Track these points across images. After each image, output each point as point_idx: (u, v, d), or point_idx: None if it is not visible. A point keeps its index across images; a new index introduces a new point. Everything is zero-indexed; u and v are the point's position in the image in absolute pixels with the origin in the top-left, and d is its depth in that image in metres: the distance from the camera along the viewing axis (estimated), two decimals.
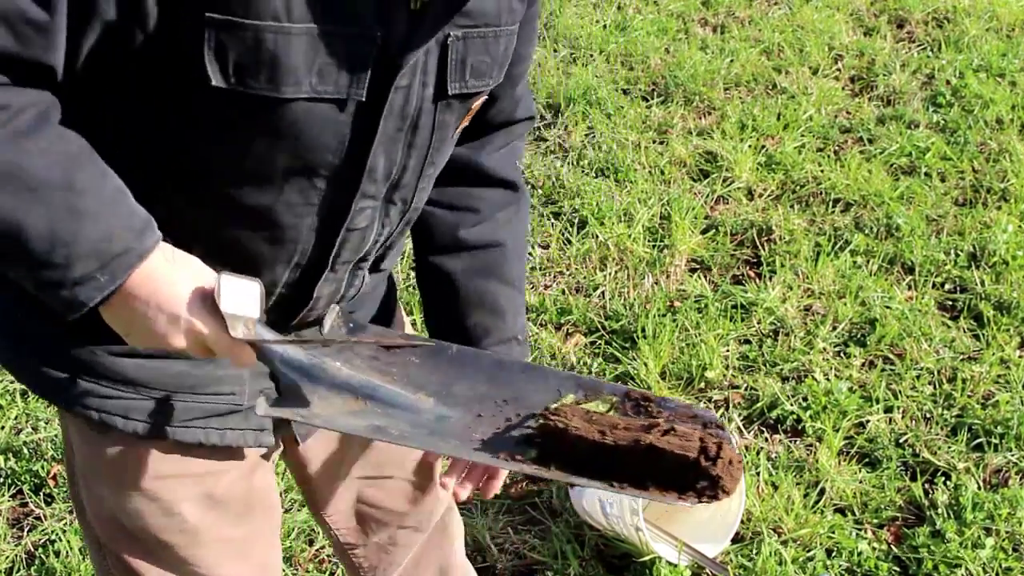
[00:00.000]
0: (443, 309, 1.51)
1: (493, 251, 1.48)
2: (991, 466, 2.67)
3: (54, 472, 2.63)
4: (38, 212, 1.03)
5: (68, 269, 1.06)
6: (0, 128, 1.00)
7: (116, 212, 1.08)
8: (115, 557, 1.43)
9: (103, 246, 1.07)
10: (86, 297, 1.08)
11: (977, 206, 3.70)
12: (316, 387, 1.22)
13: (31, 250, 1.04)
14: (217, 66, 1.06)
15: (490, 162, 1.47)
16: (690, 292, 3.31)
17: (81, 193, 1.05)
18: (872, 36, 4.93)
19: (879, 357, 3.05)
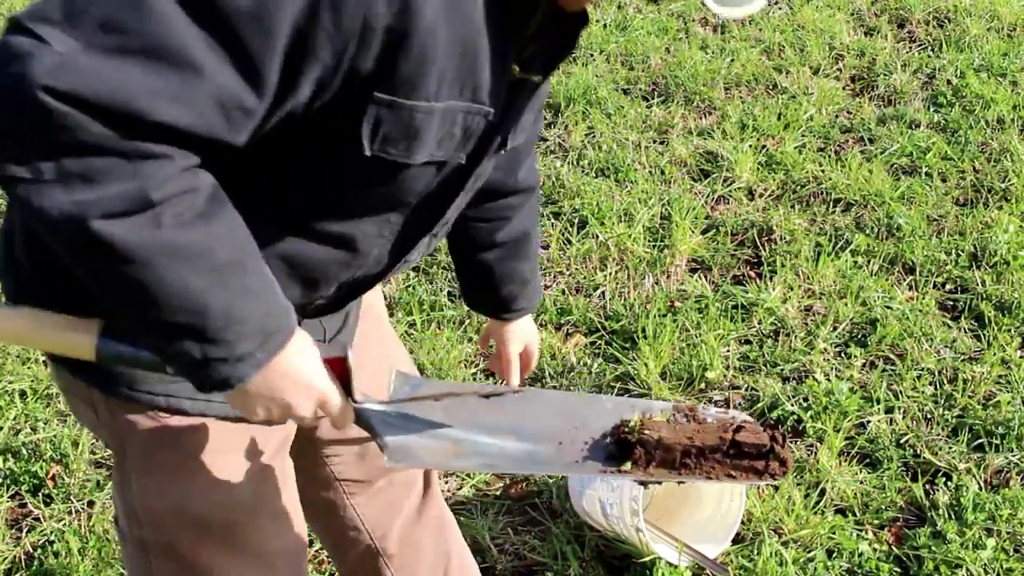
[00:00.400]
0: (480, 288, 1.83)
1: (520, 239, 1.78)
2: (992, 467, 2.67)
3: (53, 473, 2.63)
4: (219, 292, 1.12)
5: (233, 346, 1.15)
6: (189, 211, 1.08)
7: (274, 292, 1.19)
8: (169, 552, 1.47)
9: (264, 325, 1.17)
10: (243, 374, 1.17)
11: (978, 206, 3.69)
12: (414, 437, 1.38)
13: (207, 327, 1.13)
14: (369, 137, 1.18)
15: (519, 179, 1.73)
16: (690, 292, 3.30)
17: (251, 274, 1.15)
18: (873, 36, 4.92)
19: (880, 357, 3.05)
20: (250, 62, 1.06)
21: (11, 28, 1.03)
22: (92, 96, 1.01)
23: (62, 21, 1.02)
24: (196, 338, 1.13)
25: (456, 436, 1.39)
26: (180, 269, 1.09)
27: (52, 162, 1.03)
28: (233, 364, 1.16)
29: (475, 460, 1.42)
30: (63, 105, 1.00)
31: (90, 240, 1.05)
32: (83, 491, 2.58)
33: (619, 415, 1.47)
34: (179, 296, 1.10)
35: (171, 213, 1.07)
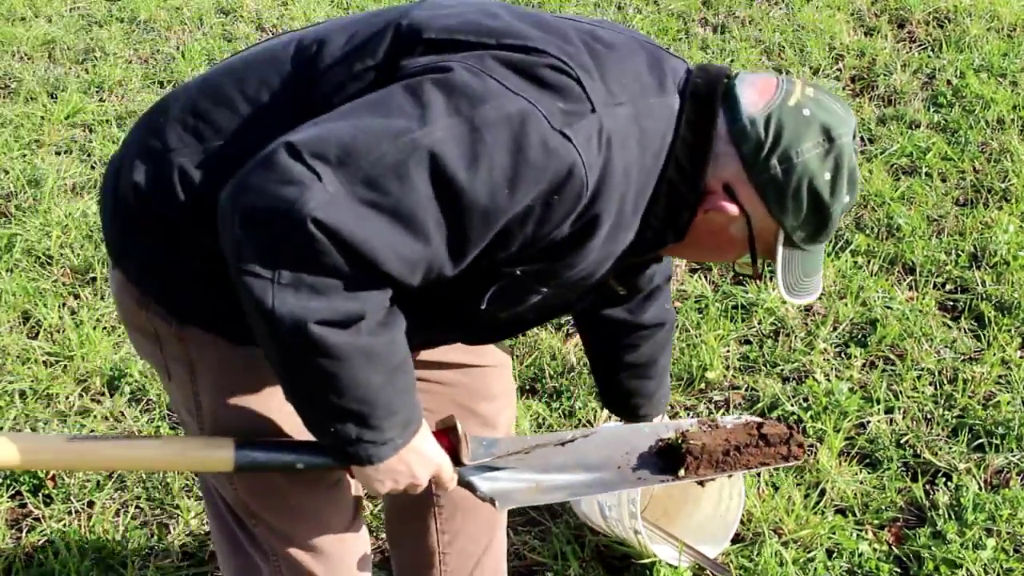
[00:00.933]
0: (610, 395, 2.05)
1: (648, 364, 1.96)
2: (992, 467, 2.67)
3: (53, 473, 2.63)
4: (389, 388, 1.37)
5: (384, 432, 1.40)
6: (378, 322, 1.32)
7: (415, 389, 1.44)
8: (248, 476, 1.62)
9: (408, 417, 1.43)
10: (384, 455, 1.43)
11: (978, 206, 3.69)
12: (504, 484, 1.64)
13: (371, 415, 1.37)
14: (489, 298, 1.46)
15: (645, 318, 1.90)
16: (690, 292, 3.30)
17: (409, 375, 1.41)
18: (873, 36, 4.92)
19: (880, 357, 3.05)
20: (464, 244, 1.31)
21: (290, 152, 1.25)
22: (348, 236, 1.23)
23: (336, 165, 1.23)
24: (358, 423, 1.37)
25: (536, 478, 1.67)
26: (367, 367, 1.32)
27: (293, 272, 1.25)
28: (379, 447, 1.41)
29: (559, 493, 1.69)
30: (322, 235, 1.22)
31: (305, 338, 1.27)
32: (83, 491, 2.58)
33: (657, 435, 1.79)
34: (360, 388, 1.33)
35: (368, 325, 1.31)
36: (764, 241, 1.48)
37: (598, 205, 1.36)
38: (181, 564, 2.41)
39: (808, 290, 1.53)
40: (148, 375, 2.93)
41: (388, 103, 1.29)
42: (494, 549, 2.06)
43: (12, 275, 3.35)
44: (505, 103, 1.29)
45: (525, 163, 1.28)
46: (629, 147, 1.37)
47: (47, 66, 4.82)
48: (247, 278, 1.26)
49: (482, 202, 1.27)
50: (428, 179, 1.25)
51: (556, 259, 1.41)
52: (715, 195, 1.45)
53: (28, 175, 3.89)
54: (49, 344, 3.08)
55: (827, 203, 1.43)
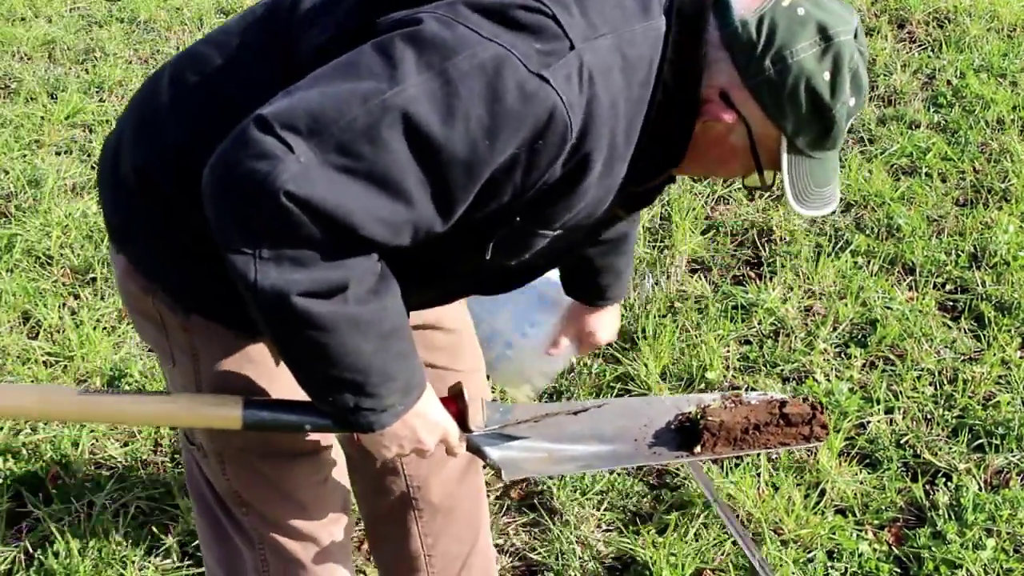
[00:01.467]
0: (580, 277, 1.96)
1: (619, 239, 1.88)
2: (992, 467, 2.67)
3: (53, 473, 2.63)
4: (382, 355, 1.35)
5: (383, 400, 1.39)
6: (367, 289, 1.31)
7: (416, 355, 1.43)
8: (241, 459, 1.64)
9: (408, 383, 1.42)
10: (385, 422, 1.42)
11: (978, 206, 3.69)
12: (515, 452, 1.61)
13: (366, 383, 1.36)
14: (492, 248, 1.43)
15: None
16: (690, 292, 3.30)
17: (405, 340, 1.39)
18: (873, 36, 4.92)
19: (880, 358, 3.05)
20: (450, 200, 1.29)
21: (261, 125, 1.23)
22: (321, 205, 1.21)
23: (307, 135, 1.21)
24: (354, 391, 1.36)
25: (549, 447, 1.64)
26: (356, 336, 1.31)
27: (273, 246, 1.24)
28: (379, 414, 1.40)
29: (571, 464, 1.67)
30: (296, 207, 1.21)
31: (289, 310, 1.27)
32: (83, 491, 2.58)
33: (677, 408, 1.74)
34: (351, 356, 1.32)
35: (355, 293, 1.29)
36: (767, 149, 1.43)
37: (588, 144, 1.32)
38: (181, 564, 2.41)
39: (821, 201, 1.46)
40: (148, 375, 2.93)
41: (358, 64, 1.26)
42: (480, 547, 2.05)
43: (12, 275, 3.35)
44: (478, 51, 1.24)
45: (503, 111, 1.24)
46: (613, 79, 1.33)
47: (47, 66, 4.82)
48: (231, 255, 1.26)
49: (462, 156, 1.25)
50: (403, 139, 1.22)
51: (553, 203, 1.39)
52: (711, 104, 1.40)
53: (28, 175, 3.89)
54: (49, 344, 3.08)
55: (828, 104, 1.40)
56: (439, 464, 1.91)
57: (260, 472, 1.65)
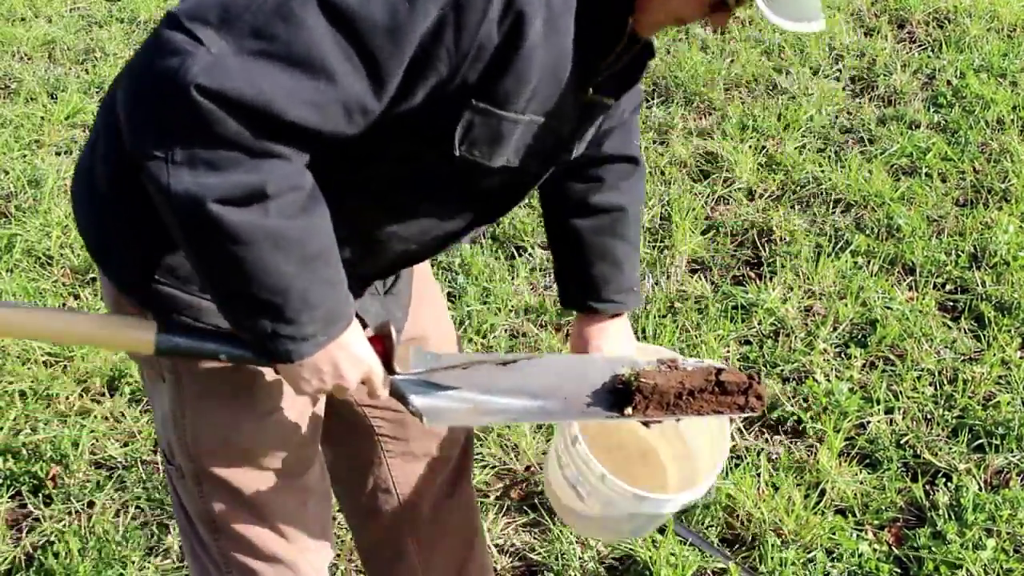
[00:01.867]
0: (571, 261, 1.77)
1: (616, 214, 1.73)
2: (992, 467, 2.67)
3: (53, 473, 2.63)
4: (303, 278, 1.25)
5: (302, 328, 1.29)
6: (293, 205, 1.22)
7: (344, 284, 1.33)
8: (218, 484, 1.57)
9: (331, 313, 1.31)
10: (304, 351, 1.31)
11: (978, 207, 3.69)
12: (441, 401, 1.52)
13: (285, 307, 1.26)
14: (460, 138, 1.32)
15: (610, 148, 1.71)
16: (690, 293, 3.30)
17: (331, 267, 1.29)
18: (873, 36, 4.92)
19: (880, 358, 3.05)
20: (378, 71, 1.20)
21: (170, 23, 1.16)
22: (236, 96, 1.13)
23: (218, 25, 1.15)
24: (272, 316, 1.26)
25: (476, 398, 1.54)
26: (277, 253, 1.21)
27: (186, 148, 1.16)
28: (298, 343, 1.29)
29: (498, 416, 1.58)
30: (209, 102, 1.13)
31: (204, 219, 1.17)
32: (83, 491, 2.58)
33: (612, 370, 1.64)
34: (270, 276, 1.22)
35: (278, 205, 1.20)
36: None
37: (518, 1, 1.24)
38: (181, 564, 2.41)
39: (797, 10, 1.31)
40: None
41: None
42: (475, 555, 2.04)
43: (12, 275, 3.35)
44: None
45: None
46: None
47: (47, 66, 4.82)
48: (142, 161, 1.18)
49: (382, 22, 1.17)
50: (318, 13, 1.15)
51: (502, 74, 1.28)
52: None
53: (28, 175, 3.89)
54: (49, 344, 3.08)
55: None
56: (427, 481, 1.88)
57: (238, 496, 1.59)
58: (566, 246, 1.77)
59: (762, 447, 2.74)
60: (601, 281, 1.76)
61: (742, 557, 2.45)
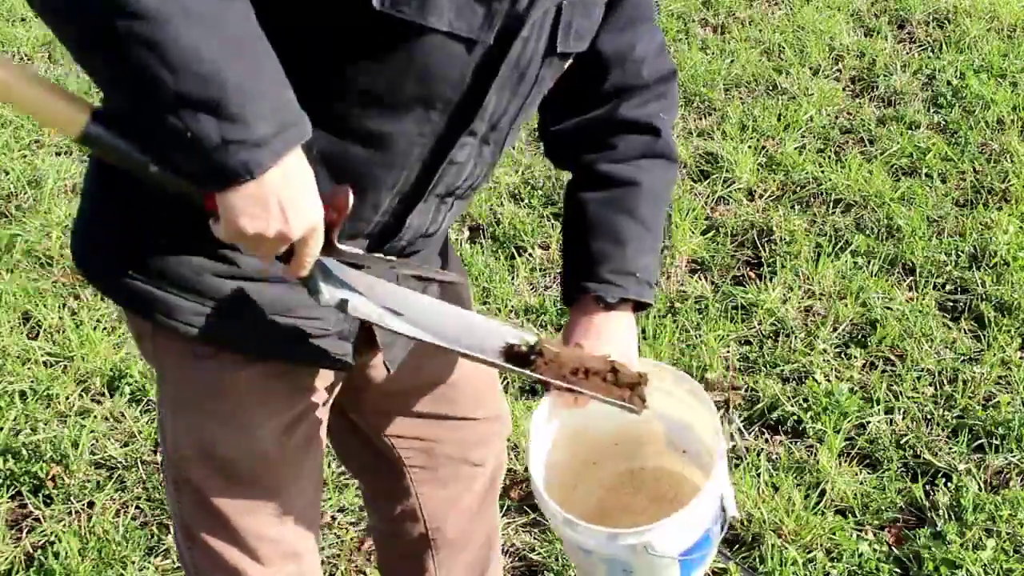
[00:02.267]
0: (573, 237, 1.60)
1: (628, 188, 1.56)
2: (992, 467, 2.67)
3: (53, 473, 2.63)
4: (234, 65, 1.07)
5: (252, 128, 1.09)
6: None
7: (288, 89, 1.14)
8: (193, 492, 1.50)
9: (281, 110, 1.12)
10: (262, 159, 1.10)
11: (978, 207, 3.69)
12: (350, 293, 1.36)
13: (223, 99, 1.07)
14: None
15: (630, 114, 1.56)
16: (690, 293, 3.30)
17: (263, 59, 1.11)
18: (873, 37, 4.92)
19: (880, 358, 3.05)
20: None
21: None
22: None
23: None
24: (214, 113, 1.07)
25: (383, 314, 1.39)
26: (193, 31, 1.05)
27: None
28: (251, 148, 1.09)
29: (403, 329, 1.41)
30: None
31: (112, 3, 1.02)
32: (83, 492, 2.58)
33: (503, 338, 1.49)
34: (194, 60, 1.05)
35: None
36: None
37: None
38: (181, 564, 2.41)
39: None
40: (148, 375, 2.93)
41: None
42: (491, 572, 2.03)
43: (12, 275, 3.35)
44: None
45: None
46: None
47: (47, 67, 4.82)
48: None
49: None
50: None
51: None
52: None
53: (28, 176, 3.89)
54: (49, 344, 3.08)
55: None
56: (453, 503, 1.86)
57: (211, 508, 1.52)
58: (571, 224, 1.61)
59: (762, 447, 2.74)
60: (599, 257, 1.55)
61: (742, 557, 2.45)
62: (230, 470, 1.49)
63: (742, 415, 2.85)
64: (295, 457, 1.55)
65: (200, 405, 1.46)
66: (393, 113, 1.28)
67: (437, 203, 1.44)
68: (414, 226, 1.43)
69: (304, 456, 1.56)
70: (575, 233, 1.59)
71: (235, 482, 1.50)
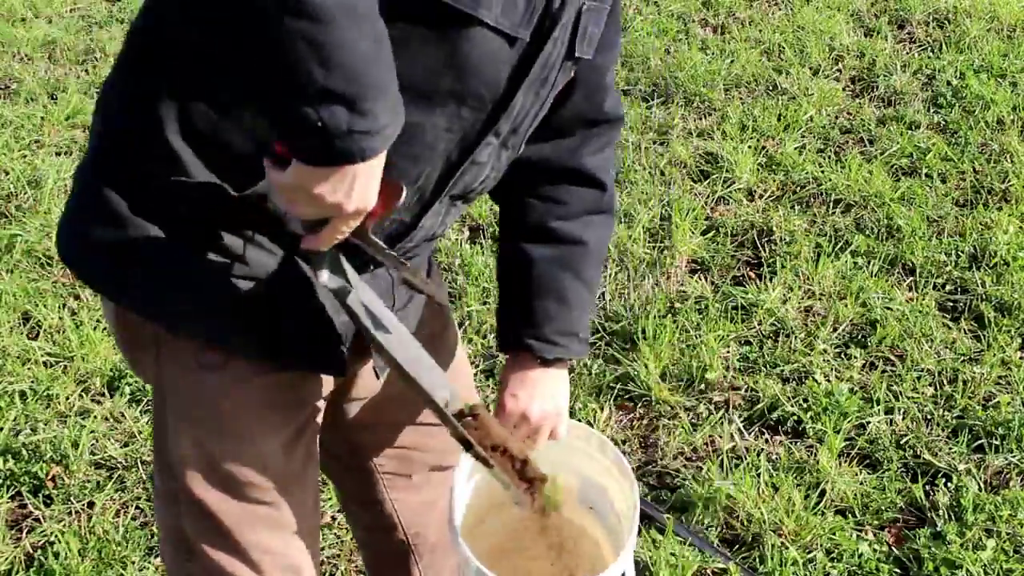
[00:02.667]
0: (516, 289, 1.60)
1: (575, 247, 1.58)
2: (992, 468, 2.67)
3: (53, 474, 2.63)
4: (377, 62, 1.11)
5: (376, 119, 1.12)
6: None
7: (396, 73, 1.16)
8: (194, 504, 1.48)
9: (397, 105, 1.15)
10: (377, 146, 1.13)
11: (978, 207, 3.69)
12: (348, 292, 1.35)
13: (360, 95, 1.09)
14: None
15: (584, 162, 1.58)
16: (690, 293, 3.30)
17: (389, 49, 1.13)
18: (873, 37, 4.92)
19: (880, 358, 3.05)
20: None
21: None
22: None
23: None
24: (348, 106, 1.10)
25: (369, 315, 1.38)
26: (352, 31, 1.08)
27: None
28: (371, 137, 1.13)
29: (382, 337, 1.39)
30: None
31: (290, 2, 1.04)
32: (83, 492, 2.58)
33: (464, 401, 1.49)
34: (348, 60, 1.08)
35: None
36: None
37: None
38: None
39: None
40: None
41: None
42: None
43: (12, 276, 3.36)
44: None
45: None
46: None
47: (47, 67, 4.82)
48: None
49: None
50: None
51: None
52: None
53: (28, 176, 3.89)
54: (49, 345, 3.08)
55: None
56: (430, 508, 1.85)
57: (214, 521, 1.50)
58: (513, 275, 1.61)
59: (762, 447, 2.74)
60: (543, 316, 1.57)
61: (742, 557, 2.45)
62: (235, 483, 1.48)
63: (742, 415, 2.85)
64: (298, 468, 1.55)
65: (206, 418, 1.44)
66: (427, 104, 1.28)
67: (448, 205, 1.44)
68: (425, 227, 1.44)
69: (305, 467, 1.57)
70: (519, 285, 1.60)
71: (239, 495, 1.49)
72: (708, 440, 2.78)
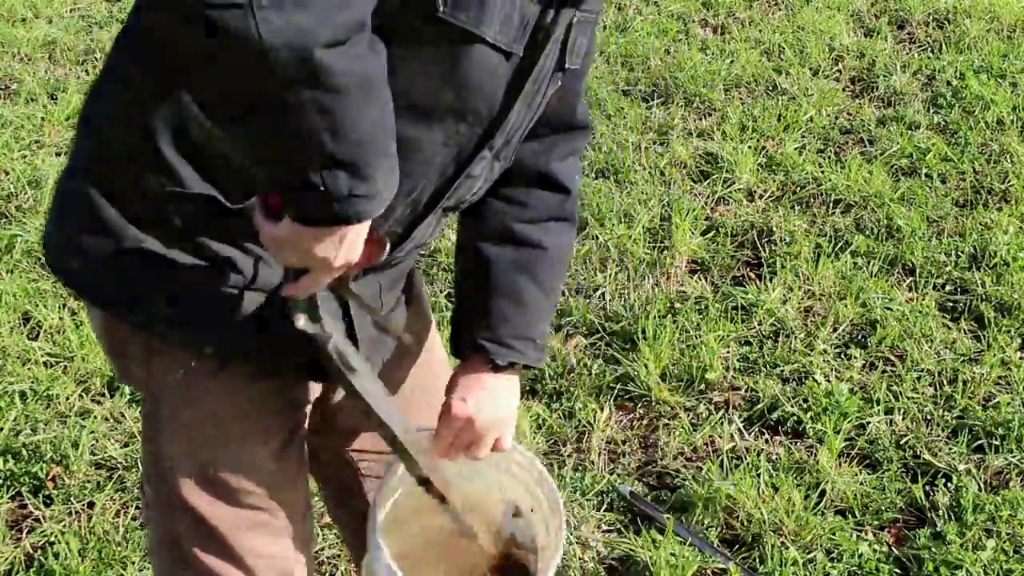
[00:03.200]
0: (473, 289, 1.58)
1: (534, 251, 1.57)
2: (992, 468, 2.67)
3: (53, 474, 2.63)
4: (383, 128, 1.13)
5: (375, 184, 1.14)
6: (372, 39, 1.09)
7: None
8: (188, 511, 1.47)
9: (394, 168, 1.17)
10: (372, 209, 1.16)
11: (978, 207, 3.69)
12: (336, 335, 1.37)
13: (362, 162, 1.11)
14: None
15: (552, 167, 1.58)
16: (690, 293, 3.30)
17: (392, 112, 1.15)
18: (873, 37, 4.92)
19: (880, 358, 3.05)
20: None
21: None
22: None
23: None
24: (350, 171, 1.11)
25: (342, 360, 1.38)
26: (366, 102, 1.09)
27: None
28: (368, 201, 1.14)
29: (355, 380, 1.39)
30: None
31: (307, 71, 1.03)
32: (83, 492, 2.58)
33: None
34: (357, 129, 1.09)
35: (370, 41, 1.09)
36: None
37: None
38: None
39: None
40: None
41: None
42: None
43: (12, 276, 3.35)
44: None
45: None
46: None
47: (47, 67, 4.82)
48: (217, 12, 0.99)
49: None
50: None
51: None
52: None
53: (28, 176, 3.89)
54: (49, 345, 3.08)
55: None
56: None
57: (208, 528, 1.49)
58: (473, 273, 1.58)
59: (762, 447, 2.74)
60: (499, 318, 1.53)
61: (742, 557, 2.45)
62: (228, 489, 1.48)
63: (742, 415, 2.85)
64: (290, 473, 1.55)
65: (198, 425, 1.44)
66: (426, 121, 1.29)
67: (440, 216, 1.44)
68: (416, 238, 1.43)
69: (297, 471, 1.57)
70: (476, 286, 1.57)
71: (232, 501, 1.49)
72: (708, 440, 2.78)
